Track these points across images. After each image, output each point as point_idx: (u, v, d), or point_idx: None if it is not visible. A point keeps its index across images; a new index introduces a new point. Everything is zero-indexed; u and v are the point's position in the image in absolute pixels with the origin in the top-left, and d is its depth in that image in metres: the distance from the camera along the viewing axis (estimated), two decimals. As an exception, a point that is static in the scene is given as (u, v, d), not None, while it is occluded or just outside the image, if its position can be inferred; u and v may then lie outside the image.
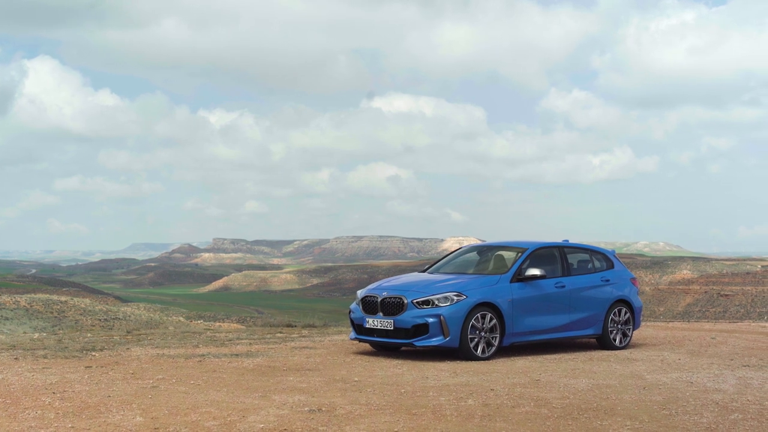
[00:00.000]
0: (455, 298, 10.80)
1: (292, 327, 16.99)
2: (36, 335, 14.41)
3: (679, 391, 8.52)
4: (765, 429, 6.85)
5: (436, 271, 12.24)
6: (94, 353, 10.96)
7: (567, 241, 12.83)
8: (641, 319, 12.94)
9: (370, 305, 11.20)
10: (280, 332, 15.09)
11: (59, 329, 19.23)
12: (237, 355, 10.95)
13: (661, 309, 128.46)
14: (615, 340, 12.35)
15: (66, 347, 11.51)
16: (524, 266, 11.57)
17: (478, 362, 10.59)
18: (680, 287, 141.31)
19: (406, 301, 10.83)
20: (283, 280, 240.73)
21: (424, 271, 12.41)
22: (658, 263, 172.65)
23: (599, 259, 12.75)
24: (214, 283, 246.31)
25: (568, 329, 11.93)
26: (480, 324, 10.85)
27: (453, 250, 12.99)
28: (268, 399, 7.65)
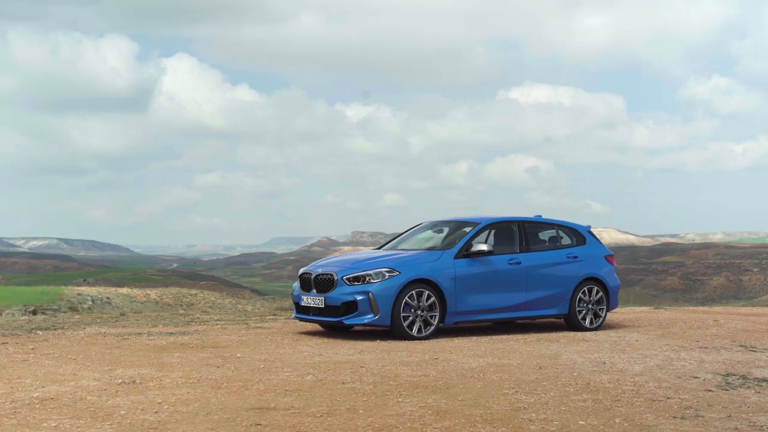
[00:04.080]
0: (387, 274, 10.29)
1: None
2: (37, 317, 14.73)
3: (568, 371, 7.82)
4: (596, 410, 6.13)
5: (392, 248, 11.74)
6: (39, 332, 11.01)
7: (540, 216, 12.07)
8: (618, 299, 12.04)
9: (305, 282, 10.84)
10: (273, 315, 14.94)
11: (76, 313, 19.66)
12: (173, 333, 10.78)
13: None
14: (585, 321, 11.52)
15: (20, 326, 11.63)
16: (472, 242, 10.93)
17: (412, 342, 10.03)
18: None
19: (336, 278, 10.41)
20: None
21: (379, 248, 11.94)
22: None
23: (568, 234, 11.92)
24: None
25: (526, 309, 11.20)
26: (415, 302, 10.29)
27: (412, 226, 12.42)
28: (108, 372, 7.43)
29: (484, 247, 10.84)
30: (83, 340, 10.01)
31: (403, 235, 12.14)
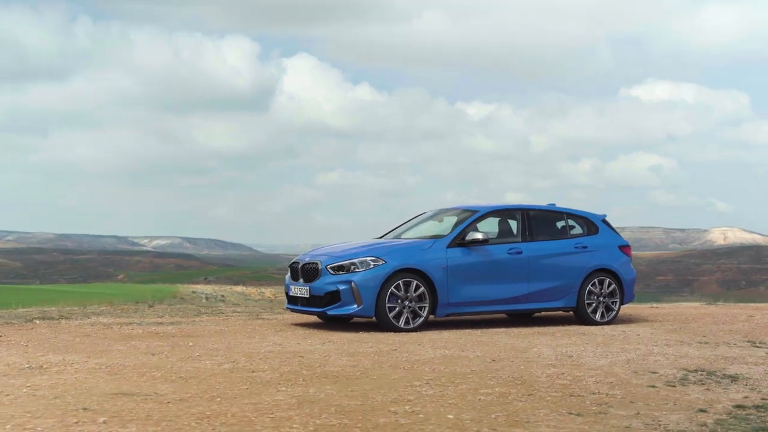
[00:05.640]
0: (372, 263, 9.85)
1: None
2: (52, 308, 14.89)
3: (518, 364, 7.26)
4: (488, 404, 5.57)
5: (396, 237, 11.27)
6: (37, 321, 11.04)
7: (553, 205, 11.38)
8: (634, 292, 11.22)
9: (294, 272, 10.54)
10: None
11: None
12: (161, 323, 10.63)
13: None
14: (595, 314, 10.78)
15: (24, 316, 11.69)
16: (467, 230, 10.37)
17: (394, 333, 9.56)
18: None
19: (320, 267, 10.04)
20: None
21: (380, 238, 11.49)
22: None
23: (580, 224, 11.19)
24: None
25: (527, 301, 10.55)
26: (402, 292, 9.82)
27: (417, 215, 11.90)
28: (36, 358, 7.30)
29: (479, 236, 10.27)
30: (66, 329, 9.95)
31: (406, 224, 11.65)
